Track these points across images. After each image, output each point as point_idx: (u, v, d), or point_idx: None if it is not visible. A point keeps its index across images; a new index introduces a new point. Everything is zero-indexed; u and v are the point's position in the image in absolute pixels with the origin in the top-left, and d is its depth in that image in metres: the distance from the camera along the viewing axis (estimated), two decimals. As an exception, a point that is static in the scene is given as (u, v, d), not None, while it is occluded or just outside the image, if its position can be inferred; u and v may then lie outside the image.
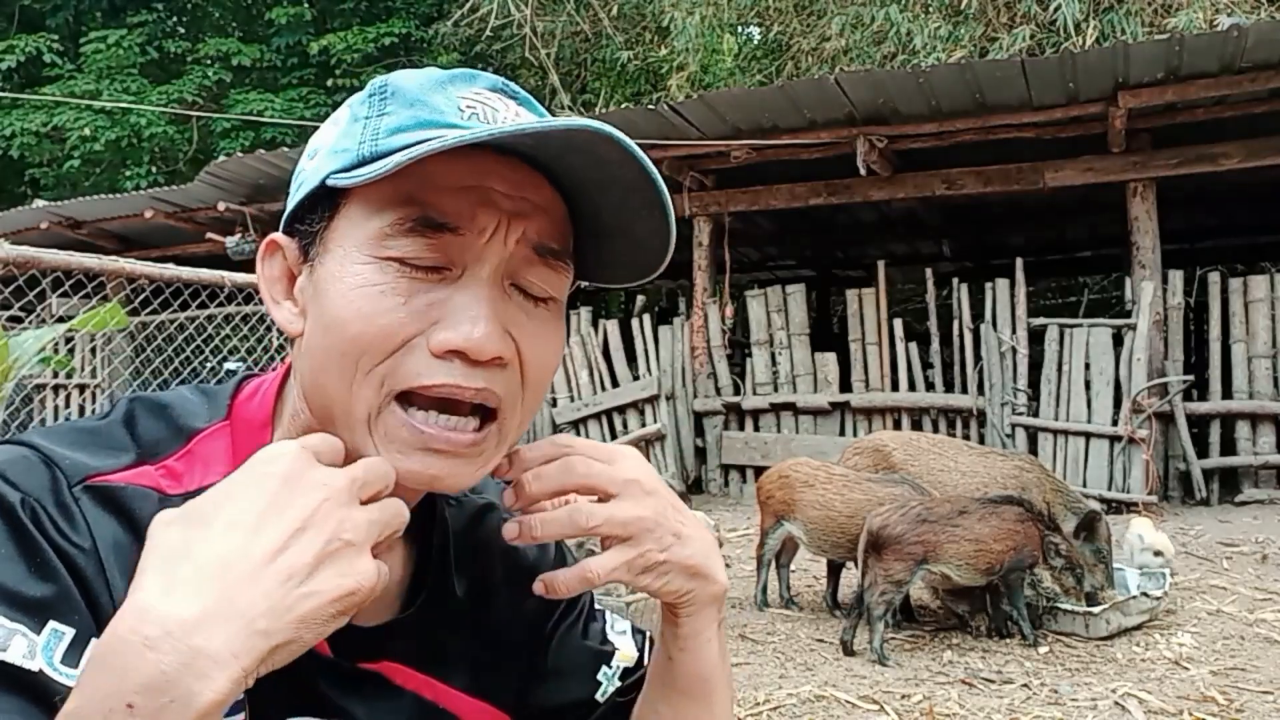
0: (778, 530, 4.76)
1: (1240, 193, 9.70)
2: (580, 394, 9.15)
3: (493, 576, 0.89)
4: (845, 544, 4.50)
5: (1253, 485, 7.24)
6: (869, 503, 4.43)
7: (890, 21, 10.64)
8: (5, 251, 3.08)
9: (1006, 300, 7.85)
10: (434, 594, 0.84)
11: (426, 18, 15.42)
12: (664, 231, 0.74)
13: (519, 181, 0.71)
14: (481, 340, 0.67)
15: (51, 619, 0.61)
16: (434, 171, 0.68)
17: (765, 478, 4.91)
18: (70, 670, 0.61)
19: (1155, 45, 6.37)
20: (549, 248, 0.72)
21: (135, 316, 4.75)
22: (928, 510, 4.18)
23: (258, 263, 0.78)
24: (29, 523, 0.63)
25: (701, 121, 7.76)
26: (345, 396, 0.69)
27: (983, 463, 5.02)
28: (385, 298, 0.68)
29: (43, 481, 0.66)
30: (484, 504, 0.92)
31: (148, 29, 15.68)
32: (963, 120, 7.48)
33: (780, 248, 12.70)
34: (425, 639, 0.82)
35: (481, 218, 0.69)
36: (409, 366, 0.68)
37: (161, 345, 5.16)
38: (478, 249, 0.69)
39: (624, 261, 0.79)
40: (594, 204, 0.74)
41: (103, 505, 0.67)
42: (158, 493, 0.70)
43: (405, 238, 0.68)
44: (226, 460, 0.74)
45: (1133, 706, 3.37)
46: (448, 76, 0.74)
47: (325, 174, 0.71)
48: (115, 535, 0.67)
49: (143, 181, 14.02)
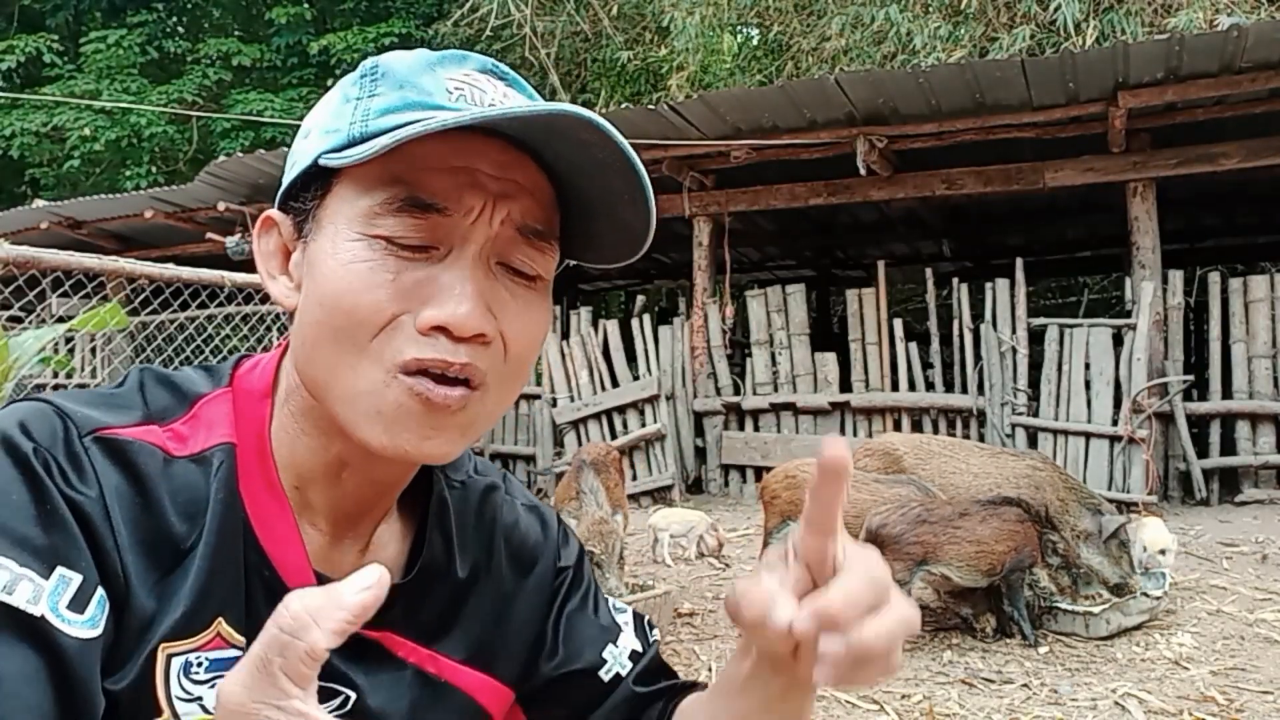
0: (784, 531, 4.76)
1: (1240, 193, 9.71)
2: (580, 394, 9.15)
3: (496, 555, 0.90)
4: None
5: (1253, 485, 7.23)
6: (875, 503, 4.42)
7: (890, 21, 10.64)
8: (5, 251, 3.08)
9: (1006, 300, 7.85)
10: (434, 566, 0.84)
11: (426, 18, 15.42)
12: (645, 214, 0.75)
13: (505, 163, 0.72)
14: (464, 317, 0.69)
15: (59, 565, 0.63)
16: (422, 152, 0.69)
17: (771, 478, 4.88)
18: (74, 616, 0.63)
19: (1155, 45, 6.37)
20: (534, 228, 0.74)
21: (135, 316, 4.75)
22: (928, 511, 4.18)
23: (253, 238, 0.81)
24: (41, 471, 0.65)
25: (701, 121, 7.76)
26: (343, 370, 0.71)
27: (995, 463, 5.01)
28: (374, 273, 0.70)
29: (55, 431, 0.68)
30: (487, 484, 0.94)
31: (148, 29, 15.68)
32: (963, 120, 7.47)
33: (780, 248, 12.69)
34: (428, 611, 0.83)
35: (468, 199, 0.71)
36: (398, 343, 0.70)
37: (161, 345, 5.16)
38: (464, 229, 0.71)
39: (609, 243, 0.80)
40: (579, 186, 0.76)
41: (110, 456, 0.69)
42: (163, 451, 0.72)
43: (393, 217, 0.70)
44: (228, 423, 0.76)
45: (1133, 706, 3.37)
46: (437, 58, 0.76)
47: (317, 153, 0.73)
48: (120, 486, 0.69)
49: (143, 181, 14.02)
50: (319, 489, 0.78)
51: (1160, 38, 6.48)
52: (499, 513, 0.93)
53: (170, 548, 0.70)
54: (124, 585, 0.67)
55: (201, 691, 0.70)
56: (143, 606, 0.68)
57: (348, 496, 0.79)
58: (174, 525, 0.70)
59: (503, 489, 0.95)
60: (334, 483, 0.78)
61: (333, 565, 0.79)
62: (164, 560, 0.69)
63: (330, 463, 0.77)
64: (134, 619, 0.68)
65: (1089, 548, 4.52)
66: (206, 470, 0.73)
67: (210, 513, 0.72)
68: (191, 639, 0.69)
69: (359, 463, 0.77)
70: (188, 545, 0.70)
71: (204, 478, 0.73)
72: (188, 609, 0.69)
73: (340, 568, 0.79)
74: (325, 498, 0.79)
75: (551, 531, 0.97)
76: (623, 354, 9.09)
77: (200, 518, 0.71)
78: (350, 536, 0.81)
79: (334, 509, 0.79)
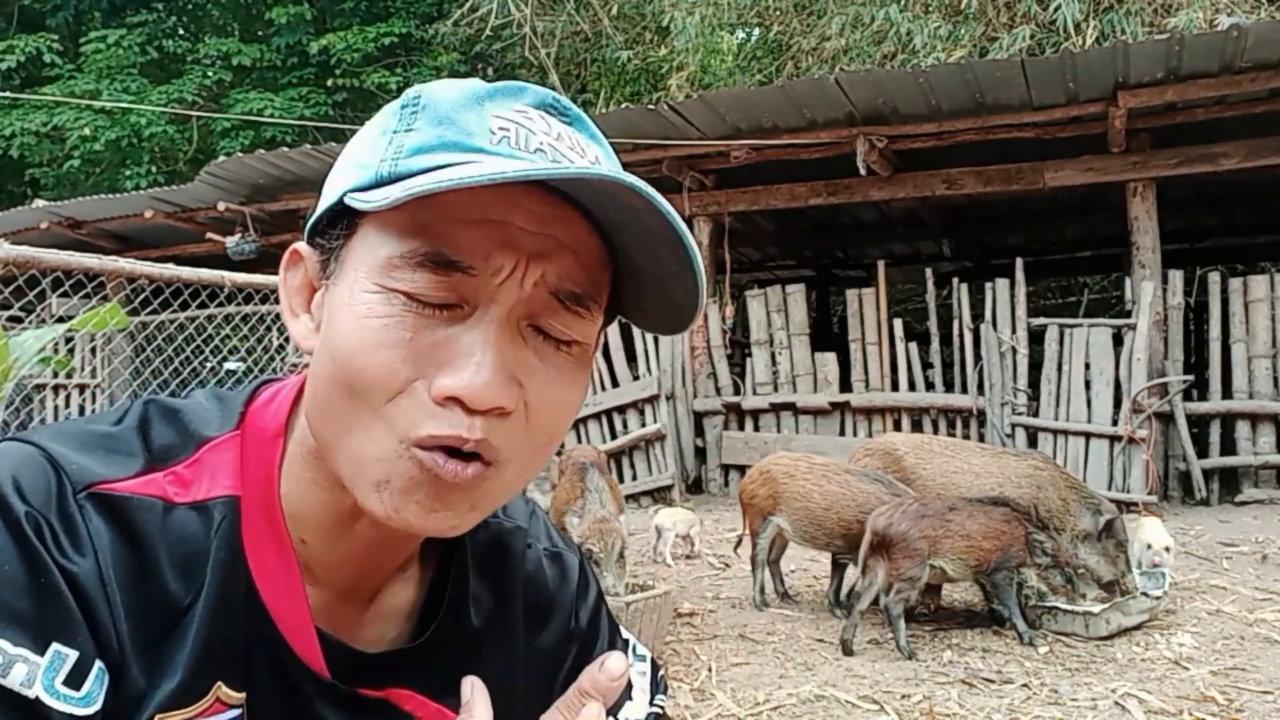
0: (767, 527, 4.82)
1: (1240, 193, 9.71)
2: (580, 394, 9.13)
3: (512, 606, 0.86)
4: (823, 535, 4.67)
5: (1253, 485, 7.24)
6: (844, 495, 4.56)
7: (890, 21, 10.64)
8: (5, 251, 3.08)
9: (1006, 300, 7.85)
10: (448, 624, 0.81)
11: (426, 17, 15.42)
12: (695, 292, 0.70)
13: (546, 216, 0.65)
14: (481, 390, 0.63)
15: (54, 641, 0.61)
16: (453, 200, 0.63)
17: (747, 479, 4.98)
18: (70, 693, 0.61)
19: (1155, 45, 6.37)
20: (572, 291, 0.67)
21: (135, 316, 4.75)
22: (924, 506, 4.23)
23: (280, 272, 0.76)
24: (34, 539, 0.62)
25: (701, 121, 7.76)
26: (356, 433, 0.66)
27: (996, 464, 5.00)
28: (389, 331, 0.64)
29: (49, 489, 0.65)
30: (512, 528, 0.89)
31: (148, 29, 15.69)
32: (963, 120, 7.48)
33: (780, 248, 12.70)
34: (438, 667, 0.79)
35: (497, 257, 0.64)
36: (412, 414, 0.64)
37: (161, 345, 5.15)
38: (491, 289, 0.65)
39: (655, 315, 0.75)
40: (628, 251, 0.70)
41: (105, 515, 0.66)
42: (163, 501, 0.69)
43: (415, 271, 0.64)
44: (233, 473, 0.72)
45: (1133, 706, 3.37)
46: (487, 91, 0.69)
47: (345, 190, 0.68)
48: (117, 549, 0.65)
49: (143, 181, 14.03)
50: (329, 542, 0.74)
51: (1160, 38, 6.48)
52: (521, 561, 0.88)
53: (168, 611, 0.67)
54: (119, 656, 0.65)
55: None
56: (137, 676, 0.65)
57: (359, 552, 0.75)
58: (170, 586, 0.67)
59: (527, 533, 0.90)
60: (345, 534, 0.74)
61: (336, 620, 0.75)
62: (160, 625, 0.67)
63: (342, 514, 0.73)
64: (130, 687, 0.65)
65: (1086, 547, 4.52)
66: (207, 521, 0.70)
67: (210, 572, 0.68)
68: (189, 708, 0.67)
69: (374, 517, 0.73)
70: (185, 604, 0.67)
71: (204, 529, 0.69)
72: (185, 679, 0.66)
73: (345, 622, 0.76)
74: (335, 552, 0.74)
75: (570, 585, 0.92)
76: (623, 354, 9.09)
77: (199, 574, 0.68)
78: (359, 592, 0.78)
79: (343, 563, 0.75)
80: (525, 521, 0.91)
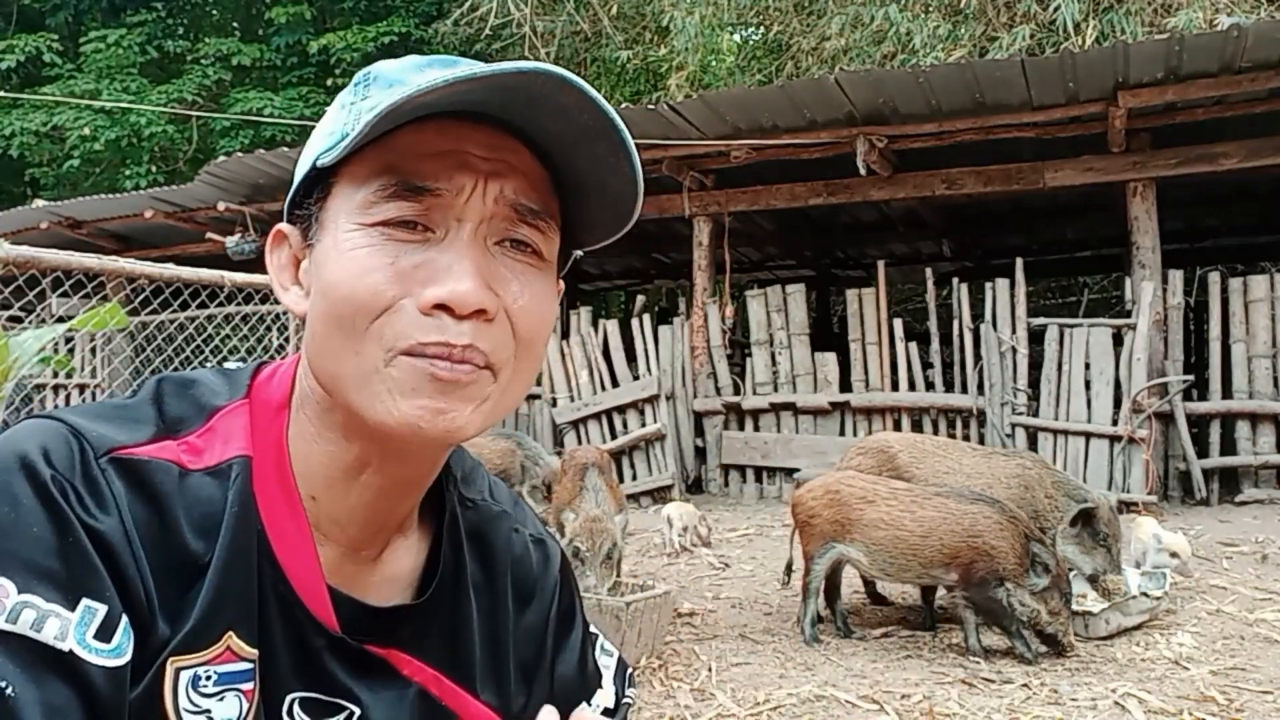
0: (828, 553, 4.31)
1: (1240, 193, 9.71)
2: (580, 394, 9.15)
3: (500, 584, 0.91)
4: (915, 566, 4.13)
5: (1253, 485, 7.24)
6: (941, 520, 4.10)
7: (890, 21, 10.63)
8: (5, 251, 3.08)
9: (1006, 300, 7.85)
10: (447, 586, 0.85)
11: (426, 17, 15.41)
12: (632, 177, 0.76)
13: (495, 145, 0.74)
14: (465, 294, 0.70)
15: (84, 596, 0.64)
16: (412, 141, 0.72)
17: (807, 494, 4.45)
18: (101, 645, 0.64)
19: (1155, 45, 6.37)
20: (529, 207, 0.75)
21: (135, 316, 4.75)
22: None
23: (266, 255, 0.82)
24: (61, 500, 0.65)
25: (701, 121, 7.76)
26: (348, 356, 0.71)
27: (986, 464, 5.00)
28: (372, 258, 0.71)
29: (72, 455, 0.68)
30: (500, 510, 0.94)
31: (147, 29, 15.68)
32: (963, 120, 7.47)
33: (780, 248, 12.69)
34: (436, 632, 0.83)
35: (459, 178, 0.72)
36: (400, 326, 0.70)
37: (161, 345, 5.16)
38: (458, 208, 0.72)
39: (602, 220, 0.81)
40: (569, 162, 0.76)
41: (126, 478, 0.70)
42: (178, 466, 0.73)
43: (388, 203, 0.71)
44: (244, 435, 0.77)
45: (1133, 706, 3.37)
46: (426, 60, 0.77)
47: (314, 156, 0.75)
48: (138, 509, 0.69)
49: (143, 181, 14.02)
50: (337, 495, 0.78)
51: (1160, 37, 6.48)
52: (508, 542, 0.93)
53: (188, 567, 0.70)
54: (145, 608, 0.68)
55: (210, 704, 0.70)
56: (162, 628, 0.69)
57: (366, 503, 0.79)
58: (190, 544, 0.71)
59: (513, 517, 0.95)
60: (352, 486, 0.78)
61: (346, 578, 0.79)
62: (182, 580, 0.70)
63: (349, 465, 0.77)
64: (154, 639, 0.69)
65: (1063, 539, 4.47)
66: (223, 484, 0.73)
67: (225, 527, 0.72)
68: (200, 653, 0.70)
69: (379, 462, 0.77)
70: (205, 561, 0.71)
71: (220, 491, 0.73)
72: (198, 623, 0.70)
73: (354, 580, 0.80)
74: (343, 505, 0.79)
75: (552, 572, 0.97)
76: (623, 354, 9.09)
77: (216, 533, 0.72)
78: (366, 549, 0.82)
79: (352, 517, 0.79)
80: (511, 508, 0.96)
